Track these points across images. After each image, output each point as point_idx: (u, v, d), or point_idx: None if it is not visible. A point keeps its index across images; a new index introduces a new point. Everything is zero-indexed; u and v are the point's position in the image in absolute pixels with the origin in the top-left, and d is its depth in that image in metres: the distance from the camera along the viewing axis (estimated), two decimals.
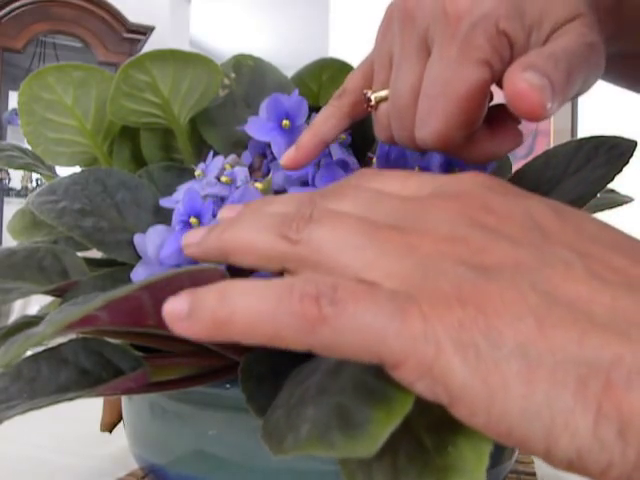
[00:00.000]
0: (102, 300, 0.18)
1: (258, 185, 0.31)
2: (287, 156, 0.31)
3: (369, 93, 0.30)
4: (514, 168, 0.39)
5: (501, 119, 0.29)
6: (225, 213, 0.27)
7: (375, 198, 0.22)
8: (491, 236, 0.18)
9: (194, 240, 0.24)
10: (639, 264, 0.18)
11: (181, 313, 0.18)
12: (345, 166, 0.32)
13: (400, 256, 0.18)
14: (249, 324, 0.17)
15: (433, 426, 0.18)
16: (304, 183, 0.33)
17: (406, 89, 0.28)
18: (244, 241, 0.21)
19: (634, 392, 0.14)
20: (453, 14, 0.25)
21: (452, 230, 0.19)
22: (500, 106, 0.28)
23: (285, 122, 0.34)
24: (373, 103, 0.30)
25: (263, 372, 0.24)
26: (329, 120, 0.31)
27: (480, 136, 0.28)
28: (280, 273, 0.21)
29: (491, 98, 0.27)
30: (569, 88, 0.24)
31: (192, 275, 0.21)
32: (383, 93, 0.29)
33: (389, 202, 0.21)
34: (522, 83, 0.22)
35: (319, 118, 0.31)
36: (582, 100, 2.25)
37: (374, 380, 0.17)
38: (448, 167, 0.32)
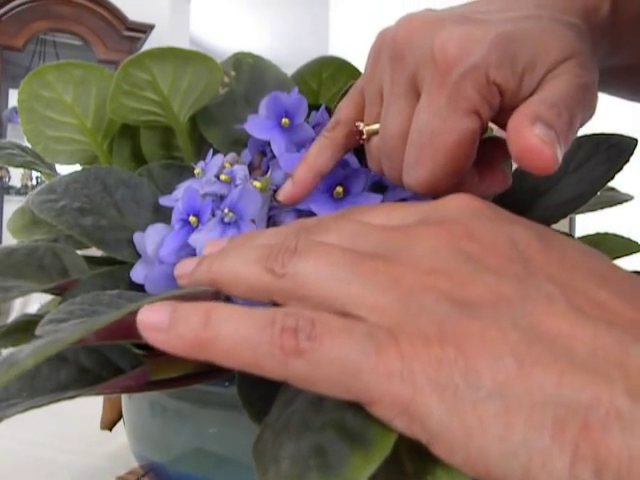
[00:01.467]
0: (83, 330, 0.17)
1: (257, 184, 0.31)
2: (284, 192, 0.31)
3: (361, 126, 0.30)
4: (514, 167, 0.39)
5: (488, 160, 0.29)
6: (209, 249, 0.26)
7: (360, 230, 0.22)
8: (474, 268, 0.19)
9: (186, 271, 0.24)
10: (621, 297, 0.18)
11: (159, 325, 0.18)
12: (345, 165, 0.32)
13: (384, 289, 0.18)
14: (230, 349, 0.18)
15: (415, 451, 0.18)
16: None
17: (394, 132, 0.27)
18: (232, 274, 0.22)
19: (611, 434, 0.15)
20: (442, 62, 0.25)
21: (435, 261, 0.19)
22: (486, 145, 0.28)
23: (285, 120, 0.34)
24: (365, 136, 0.30)
25: (259, 376, 0.24)
26: (324, 153, 0.31)
27: (467, 180, 0.27)
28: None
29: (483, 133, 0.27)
30: (571, 135, 0.24)
31: (184, 298, 0.21)
32: (375, 127, 0.29)
33: (373, 233, 0.21)
34: (534, 139, 0.22)
35: (313, 151, 0.31)
36: None
37: (354, 420, 0.18)
38: None
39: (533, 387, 0.15)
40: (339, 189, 0.31)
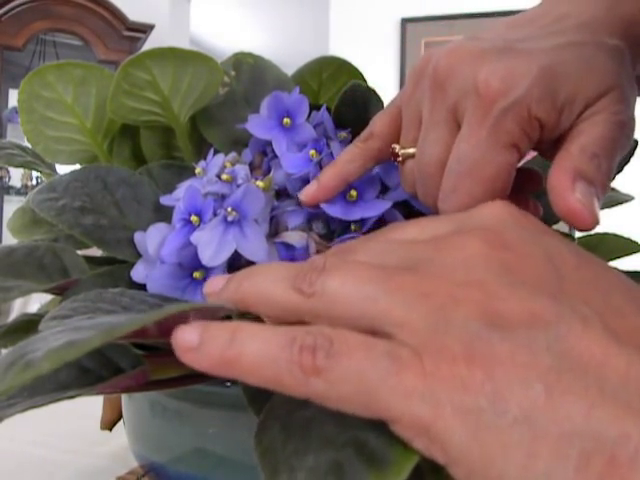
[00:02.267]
0: (101, 337, 0.17)
1: (259, 183, 0.31)
2: (307, 192, 0.31)
3: (397, 148, 0.30)
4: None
5: (519, 189, 0.29)
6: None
7: (387, 247, 0.22)
8: (508, 281, 0.18)
9: (214, 289, 0.24)
10: None
11: (191, 344, 0.18)
12: None
13: (412, 305, 0.18)
14: (253, 367, 0.18)
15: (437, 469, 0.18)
16: (305, 182, 0.33)
17: (432, 160, 0.28)
18: (261, 294, 0.21)
19: (638, 472, 0.14)
20: (485, 95, 0.25)
21: (468, 273, 0.19)
22: (519, 175, 0.28)
23: (286, 120, 0.34)
24: (400, 159, 0.30)
25: None
26: (354, 161, 0.31)
27: None
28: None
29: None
30: (609, 184, 0.25)
31: (198, 312, 0.21)
32: (411, 151, 0.30)
33: (402, 247, 0.21)
34: (577, 204, 0.23)
35: (344, 157, 0.31)
36: None
37: (376, 440, 0.18)
38: None
39: (561, 417, 0.15)
40: (353, 192, 0.32)
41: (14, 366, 0.17)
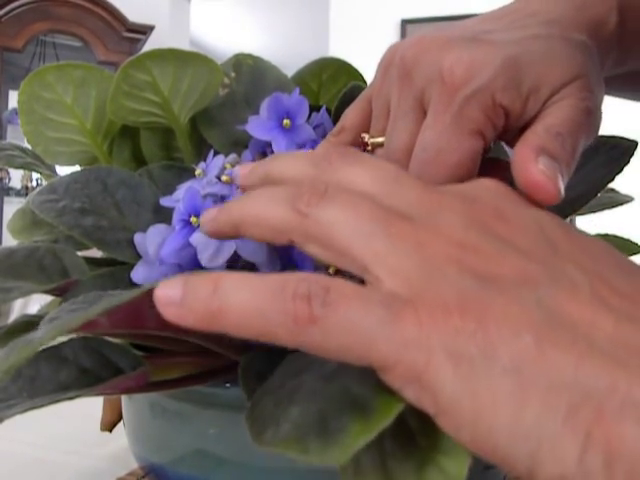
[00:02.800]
0: (102, 308, 0.18)
1: None
2: None
3: (366, 137, 0.30)
4: None
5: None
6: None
7: (395, 178, 0.21)
8: (502, 246, 0.18)
9: (210, 217, 0.24)
10: None
11: (173, 299, 0.18)
12: None
13: (408, 252, 0.18)
14: (241, 319, 0.17)
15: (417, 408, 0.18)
16: None
17: (400, 147, 0.28)
18: (255, 212, 0.21)
19: (625, 423, 0.14)
20: (450, 83, 0.25)
21: (464, 236, 0.19)
22: (486, 166, 0.28)
23: (286, 121, 0.34)
24: (370, 148, 0.30)
25: (263, 371, 0.24)
26: None
27: None
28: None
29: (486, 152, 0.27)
30: (573, 162, 0.25)
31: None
32: (380, 140, 0.30)
33: (408, 188, 0.21)
34: (539, 175, 0.23)
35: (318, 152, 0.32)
36: None
37: (360, 389, 0.17)
38: None
39: (550, 368, 0.15)
40: None
41: (14, 349, 0.17)
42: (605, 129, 0.36)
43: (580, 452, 0.14)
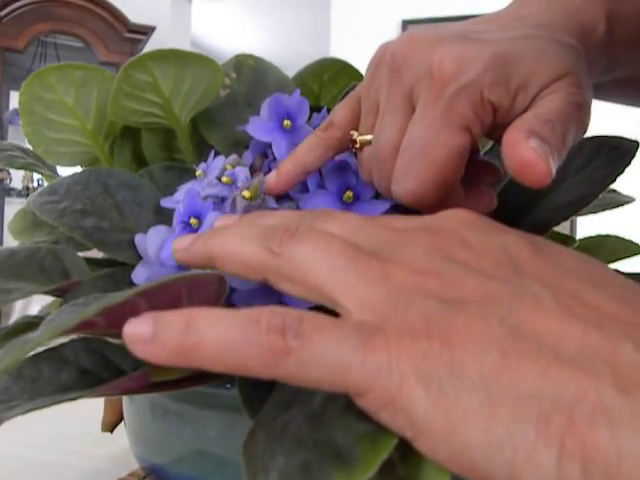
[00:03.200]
0: (98, 307, 0.18)
1: (245, 193, 0.30)
2: (267, 182, 0.31)
3: (355, 135, 0.30)
4: None
5: (475, 181, 0.29)
6: (220, 222, 0.27)
7: (362, 225, 0.22)
8: (464, 269, 0.19)
9: (183, 245, 0.25)
10: (614, 301, 0.17)
11: (144, 336, 0.17)
12: (347, 167, 0.32)
13: (375, 284, 0.19)
14: (216, 353, 0.17)
15: (407, 455, 0.18)
16: (304, 183, 0.33)
17: (387, 143, 0.28)
18: (229, 249, 0.22)
19: (598, 429, 0.14)
20: (439, 77, 0.25)
21: (427, 263, 0.19)
22: (475, 166, 0.28)
23: (286, 122, 0.34)
24: (358, 145, 0.30)
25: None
26: (313, 151, 0.31)
27: (454, 196, 0.28)
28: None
29: (475, 152, 0.27)
30: (564, 150, 0.25)
31: (189, 280, 0.21)
32: (368, 137, 0.30)
33: (374, 229, 0.22)
34: (529, 153, 0.23)
35: (303, 147, 0.31)
36: None
37: (344, 439, 0.18)
38: None
39: (517, 380, 0.15)
40: (349, 193, 0.32)
41: (11, 350, 0.17)
42: (606, 129, 0.36)
43: (556, 460, 0.14)
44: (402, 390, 0.16)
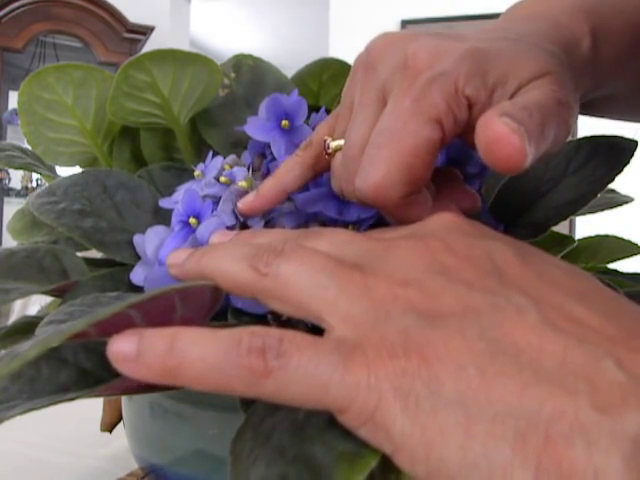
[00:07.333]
0: (86, 321, 0.18)
1: (242, 183, 0.31)
2: (245, 201, 0.30)
3: (329, 140, 0.29)
4: None
5: (458, 181, 0.28)
6: (216, 239, 0.28)
7: (351, 239, 0.22)
8: (445, 280, 0.19)
9: (177, 261, 0.25)
10: (600, 314, 0.17)
11: (128, 355, 0.18)
12: None
13: (357, 298, 0.19)
14: (199, 374, 0.18)
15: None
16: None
17: (357, 141, 0.26)
18: (219, 268, 0.22)
19: (575, 449, 0.14)
20: (412, 67, 0.24)
21: (408, 272, 0.19)
22: (454, 191, 0.28)
23: (285, 122, 0.34)
24: (331, 151, 0.29)
25: None
26: (293, 171, 0.30)
27: (420, 201, 0.26)
28: None
29: (458, 179, 0.26)
30: (542, 141, 0.23)
31: (181, 292, 0.21)
32: (340, 142, 0.28)
33: (361, 242, 0.22)
34: (501, 126, 0.21)
35: (283, 168, 0.30)
36: None
37: (324, 456, 0.18)
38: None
39: (494, 397, 0.15)
40: None
41: (2, 361, 0.17)
42: (605, 129, 0.36)
43: (532, 479, 0.14)
44: (380, 406, 0.16)
